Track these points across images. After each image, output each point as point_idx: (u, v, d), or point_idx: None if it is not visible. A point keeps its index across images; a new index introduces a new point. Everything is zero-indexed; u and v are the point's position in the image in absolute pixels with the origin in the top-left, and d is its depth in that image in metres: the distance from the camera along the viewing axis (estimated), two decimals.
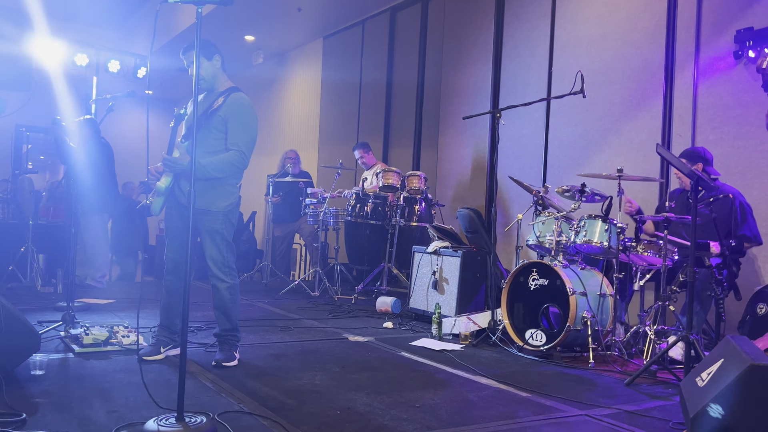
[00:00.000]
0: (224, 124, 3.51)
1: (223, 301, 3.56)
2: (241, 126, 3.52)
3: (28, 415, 2.52)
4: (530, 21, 6.45)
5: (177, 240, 3.61)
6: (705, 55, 4.99)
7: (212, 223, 3.52)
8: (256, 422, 2.60)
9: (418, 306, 5.36)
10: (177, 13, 9.81)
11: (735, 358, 2.44)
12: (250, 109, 3.59)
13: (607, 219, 4.17)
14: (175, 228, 3.61)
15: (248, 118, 3.56)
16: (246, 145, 3.52)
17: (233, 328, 3.62)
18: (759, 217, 4.42)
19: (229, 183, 3.58)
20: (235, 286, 3.61)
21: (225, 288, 3.55)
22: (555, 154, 6.09)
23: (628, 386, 3.44)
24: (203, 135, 3.51)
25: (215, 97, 3.61)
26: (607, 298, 4.16)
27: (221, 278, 3.54)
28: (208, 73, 3.58)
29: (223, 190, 3.55)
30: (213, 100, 3.59)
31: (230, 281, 3.56)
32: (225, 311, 3.58)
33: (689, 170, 3.57)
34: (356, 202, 6.47)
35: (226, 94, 3.60)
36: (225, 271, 3.55)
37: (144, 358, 3.50)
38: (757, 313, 4.11)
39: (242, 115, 3.54)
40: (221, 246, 3.55)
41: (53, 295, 5.86)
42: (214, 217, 3.52)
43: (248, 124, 3.55)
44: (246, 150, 3.52)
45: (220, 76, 3.65)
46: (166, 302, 3.66)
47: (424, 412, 2.82)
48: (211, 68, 3.58)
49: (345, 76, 9.39)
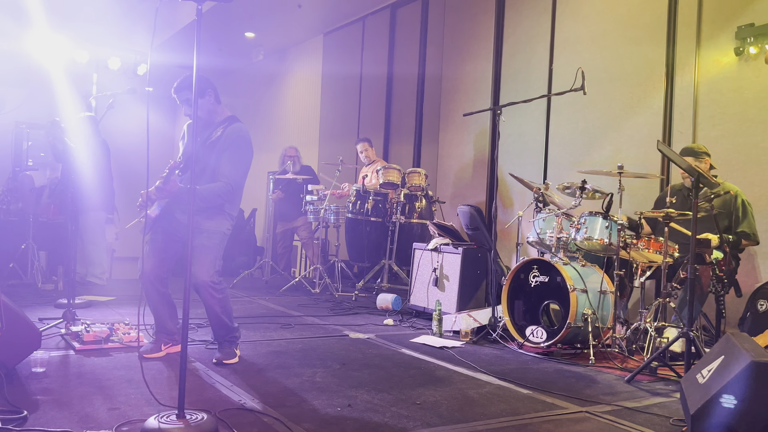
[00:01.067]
0: (219, 155, 3.51)
1: (216, 313, 3.53)
2: (233, 158, 3.50)
3: (29, 412, 2.52)
4: (531, 17, 6.44)
5: (161, 255, 3.59)
6: (706, 52, 4.99)
7: (208, 240, 3.48)
8: (257, 419, 2.60)
9: (419, 303, 5.37)
10: (177, 9, 9.79)
11: (735, 355, 2.44)
12: (246, 141, 3.57)
13: (608, 216, 4.17)
14: (161, 244, 3.58)
15: (242, 150, 3.55)
16: (234, 178, 3.49)
17: (231, 329, 3.62)
18: (759, 214, 4.42)
19: (225, 211, 3.57)
20: (225, 298, 3.55)
21: (216, 302, 3.50)
22: (556, 150, 6.08)
23: (628, 383, 3.44)
24: (203, 167, 3.51)
25: (214, 127, 3.61)
26: (607, 294, 4.16)
27: (212, 295, 3.48)
28: (203, 110, 3.58)
29: (224, 214, 3.56)
30: (212, 132, 3.59)
31: (220, 295, 3.52)
32: (219, 321, 3.56)
33: (688, 167, 3.57)
34: (357, 198, 6.47)
35: (225, 124, 3.60)
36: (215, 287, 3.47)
37: (144, 356, 3.52)
38: (758, 310, 4.11)
39: (237, 147, 3.52)
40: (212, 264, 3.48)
41: (54, 293, 5.86)
42: (213, 236, 3.50)
43: (241, 157, 3.54)
44: (233, 183, 3.49)
45: (216, 109, 3.64)
46: (153, 311, 3.67)
47: (425, 409, 2.82)
48: (205, 104, 3.57)
49: (345, 73, 9.38)
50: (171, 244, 3.61)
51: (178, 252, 3.63)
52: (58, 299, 5.20)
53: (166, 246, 3.62)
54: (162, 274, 3.62)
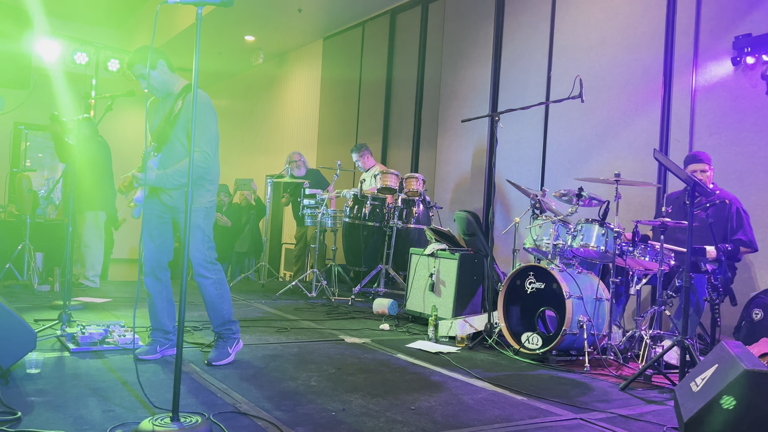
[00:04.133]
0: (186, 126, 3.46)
1: (211, 297, 3.56)
2: (199, 126, 3.39)
3: (23, 413, 2.52)
4: (530, 25, 6.46)
5: (157, 240, 3.61)
6: (703, 61, 5.01)
7: (194, 218, 3.49)
8: (252, 423, 2.60)
9: (415, 308, 5.37)
10: (177, 12, 9.81)
11: (729, 364, 2.45)
12: (207, 106, 3.49)
13: (604, 223, 4.18)
14: (154, 229, 3.60)
15: (205, 116, 3.46)
16: (207, 143, 3.43)
17: (227, 321, 3.62)
18: (756, 223, 4.43)
19: (206, 180, 3.54)
20: (221, 280, 3.59)
21: (210, 284, 3.54)
22: (553, 157, 6.10)
23: (623, 390, 3.45)
24: (172, 143, 3.48)
25: (173, 100, 3.54)
26: (603, 302, 4.16)
27: (205, 275, 3.52)
28: (157, 82, 3.53)
29: (202, 188, 3.53)
30: (171, 104, 3.53)
31: (214, 276, 3.55)
32: (214, 307, 3.58)
33: (686, 176, 3.58)
34: (354, 203, 6.48)
35: (183, 95, 3.53)
36: (207, 267, 3.53)
37: (140, 358, 3.51)
38: (753, 319, 4.12)
39: (199, 113, 3.40)
40: (201, 241, 3.51)
41: (50, 294, 5.85)
42: (196, 213, 3.49)
43: (206, 122, 3.46)
44: (208, 148, 3.43)
45: (171, 78, 3.58)
46: (150, 305, 3.67)
47: (420, 415, 2.83)
48: (158, 76, 3.52)
49: (344, 77, 9.40)
50: (164, 226, 3.63)
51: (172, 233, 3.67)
52: (54, 300, 5.20)
53: (161, 230, 3.63)
54: (161, 259, 3.63)
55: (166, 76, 3.55)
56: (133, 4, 11.31)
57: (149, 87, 3.52)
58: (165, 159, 3.48)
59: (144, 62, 3.44)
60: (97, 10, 11.59)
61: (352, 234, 6.55)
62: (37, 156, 12.35)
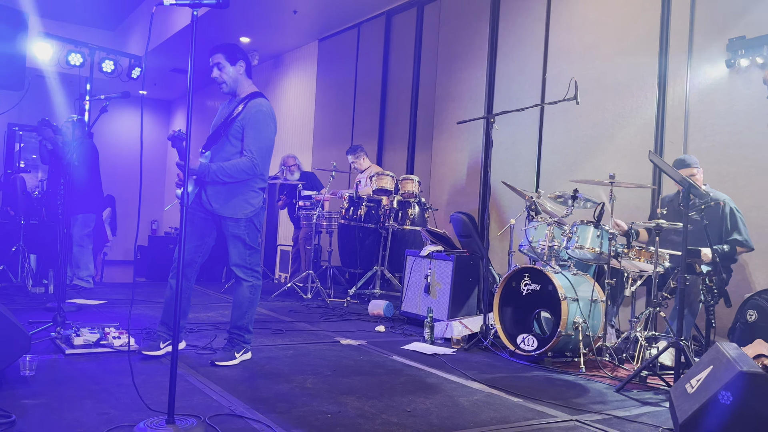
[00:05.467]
0: (241, 131, 3.57)
1: (243, 297, 3.69)
2: (255, 133, 3.55)
3: (17, 416, 2.51)
4: (525, 27, 6.48)
5: (195, 241, 3.68)
6: (697, 64, 5.03)
7: (235, 228, 3.61)
8: (247, 425, 2.60)
9: (411, 310, 5.37)
10: (172, 13, 9.80)
11: (724, 365, 2.46)
12: (268, 116, 3.61)
13: (599, 225, 4.20)
14: (196, 230, 3.67)
15: (264, 125, 3.58)
16: (258, 152, 3.55)
17: (244, 328, 3.68)
18: (750, 225, 4.45)
19: (251, 189, 3.62)
20: (257, 287, 3.72)
21: (247, 286, 3.69)
22: (548, 159, 6.11)
23: (618, 392, 3.45)
24: (222, 143, 3.59)
25: (236, 104, 3.66)
26: (598, 303, 4.17)
27: (244, 278, 3.68)
28: (229, 78, 3.64)
29: (245, 197, 3.61)
30: (234, 108, 3.64)
31: (253, 281, 3.69)
32: (241, 307, 3.68)
33: (680, 177, 3.60)
34: (350, 204, 6.47)
35: (246, 101, 3.63)
36: (248, 273, 3.68)
37: (143, 353, 3.58)
38: (748, 320, 4.13)
39: (258, 122, 3.56)
40: (243, 250, 3.65)
41: (44, 296, 5.83)
42: (237, 223, 3.61)
43: (263, 131, 3.57)
44: (258, 157, 3.54)
45: (243, 82, 3.69)
46: (170, 300, 3.69)
47: (415, 417, 2.82)
48: (233, 72, 3.64)
49: (340, 79, 9.40)
50: (206, 228, 3.69)
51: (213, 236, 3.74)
52: (48, 302, 5.17)
53: (202, 231, 3.69)
54: (195, 259, 3.70)
55: (240, 76, 3.67)
56: (128, 5, 11.29)
57: (220, 77, 3.62)
58: (213, 158, 3.61)
59: (229, 54, 3.59)
60: (92, 11, 11.56)
61: (347, 235, 6.55)
62: (31, 157, 12.31)
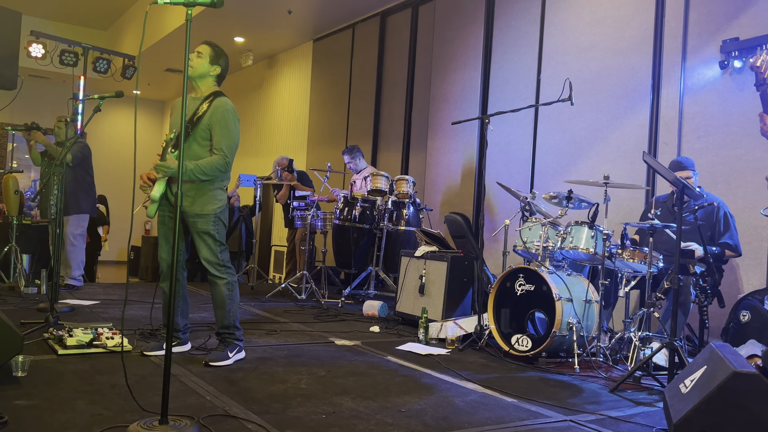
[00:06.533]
0: (208, 130, 3.62)
1: (221, 296, 3.67)
2: (224, 131, 3.61)
3: (9, 417, 2.49)
4: (519, 28, 6.49)
5: (171, 241, 3.66)
6: (691, 65, 5.05)
7: (204, 225, 3.62)
8: (241, 426, 2.59)
9: (405, 310, 5.37)
10: (166, 13, 9.77)
11: (718, 366, 2.47)
12: (233, 115, 3.69)
13: (594, 226, 4.20)
14: (169, 230, 3.69)
15: (231, 123, 3.65)
16: (229, 149, 3.62)
17: (231, 325, 3.68)
18: (742, 226, 4.47)
19: (216, 187, 3.67)
20: (233, 282, 3.71)
21: (223, 284, 3.67)
22: (543, 160, 6.12)
23: (612, 392, 3.46)
24: (189, 143, 3.61)
25: (199, 102, 3.68)
26: (592, 304, 4.18)
27: (218, 275, 3.66)
28: (201, 69, 3.69)
29: (212, 194, 3.65)
30: (197, 106, 3.66)
31: (227, 278, 3.67)
32: (222, 307, 3.67)
33: (674, 178, 3.61)
34: (344, 205, 6.47)
35: (210, 99, 3.68)
36: (220, 269, 3.66)
37: (145, 353, 3.61)
38: (741, 321, 4.15)
39: (226, 120, 3.62)
40: (213, 246, 3.65)
41: (36, 296, 5.80)
42: (206, 219, 3.62)
43: (231, 129, 3.64)
44: (229, 154, 3.62)
45: (210, 82, 3.76)
46: (166, 303, 3.67)
47: (410, 417, 2.82)
48: (207, 68, 3.70)
49: (335, 79, 9.39)
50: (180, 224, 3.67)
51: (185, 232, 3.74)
52: (41, 303, 5.15)
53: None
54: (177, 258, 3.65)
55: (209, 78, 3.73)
56: (122, 4, 11.25)
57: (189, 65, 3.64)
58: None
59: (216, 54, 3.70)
60: (86, 10, 11.52)
61: (342, 236, 6.54)
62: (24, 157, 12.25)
